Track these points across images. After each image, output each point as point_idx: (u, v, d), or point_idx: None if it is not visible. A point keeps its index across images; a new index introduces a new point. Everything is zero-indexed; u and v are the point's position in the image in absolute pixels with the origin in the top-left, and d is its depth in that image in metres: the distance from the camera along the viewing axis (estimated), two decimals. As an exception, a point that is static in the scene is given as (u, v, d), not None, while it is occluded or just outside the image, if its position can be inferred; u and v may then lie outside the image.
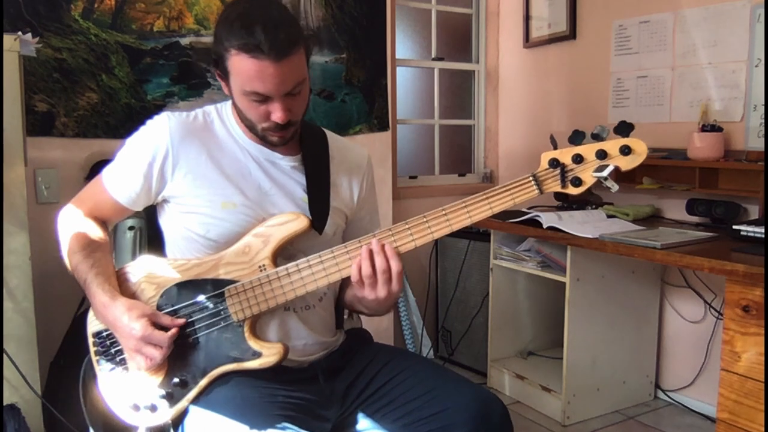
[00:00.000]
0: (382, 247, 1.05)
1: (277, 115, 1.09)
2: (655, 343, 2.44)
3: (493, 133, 3.13)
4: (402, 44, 2.88)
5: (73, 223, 1.17)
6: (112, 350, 1.13)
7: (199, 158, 1.14)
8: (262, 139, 1.16)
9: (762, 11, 2.05)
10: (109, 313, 1.07)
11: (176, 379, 1.09)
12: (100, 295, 1.08)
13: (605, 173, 1.00)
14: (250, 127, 1.15)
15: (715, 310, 2.24)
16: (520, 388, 2.44)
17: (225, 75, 1.10)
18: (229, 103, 1.21)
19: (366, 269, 1.04)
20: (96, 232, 1.17)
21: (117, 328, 1.07)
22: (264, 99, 1.08)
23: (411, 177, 2.95)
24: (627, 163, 1.00)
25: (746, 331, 1.55)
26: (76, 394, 1.16)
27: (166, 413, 1.10)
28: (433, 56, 3.01)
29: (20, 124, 1.53)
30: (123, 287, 1.13)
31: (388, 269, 1.04)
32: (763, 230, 1.77)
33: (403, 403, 1.13)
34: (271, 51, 1.03)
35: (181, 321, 1.09)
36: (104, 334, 1.13)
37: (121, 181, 1.16)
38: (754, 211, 2.12)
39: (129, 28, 2.02)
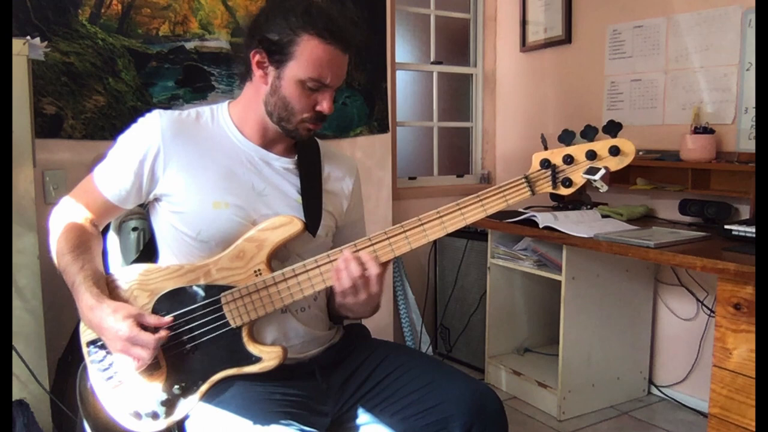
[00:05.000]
0: (357, 257, 1.05)
1: (325, 105, 1.11)
2: (648, 340, 2.46)
3: (490, 135, 3.17)
4: (401, 48, 2.90)
5: (63, 223, 1.14)
6: (109, 358, 1.10)
7: (191, 156, 1.13)
8: (290, 132, 1.15)
9: (753, 16, 2.08)
10: (95, 316, 1.04)
11: (177, 386, 1.08)
12: (86, 298, 1.05)
13: (597, 176, 1.01)
14: (281, 119, 1.13)
15: (707, 307, 2.27)
16: (517, 384, 2.47)
17: (282, 60, 1.09)
18: (225, 104, 1.21)
19: (345, 280, 1.05)
20: (86, 233, 1.13)
21: (103, 330, 1.04)
22: (319, 87, 1.10)
23: (410, 178, 2.98)
24: (616, 164, 1.01)
25: (737, 328, 1.57)
26: (83, 391, 1.14)
27: (167, 420, 1.09)
28: (431, 60, 3.04)
29: (29, 127, 1.54)
30: (114, 294, 1.09)
31: (363, 275, 1.05)
32: (753, 230, 1.79)
33: (401, 397, 1.14)
34: (345, 41, 1.08)
35: (168, 320, 1.07)
36: (99, 342, 1.10)
37: (111, 179, 1.14)
38: (745, 211, 2.15)
39: (135, 32, 2.03)
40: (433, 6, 3.01)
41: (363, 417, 1.17)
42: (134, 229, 1.37)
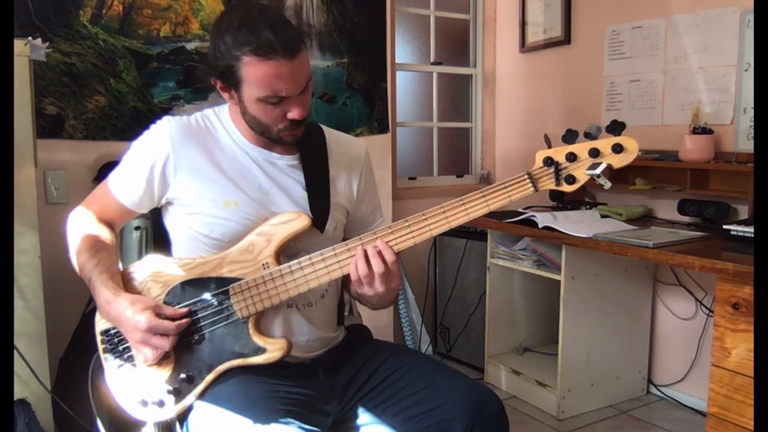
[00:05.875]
0: (377, 250, 1.06)
1: (295, 112, 1.10)
2: (647, 340, 2.47)
3: (490, 135, 3.18)
4: (401, 49, 2.91)
5: (80, 225, 1.19)
6: (120, 347, 1.14)
7: (200, 159, 1.15)
8: (277, 141, 1.17)
9: (751, 17, 2.08)
10: (113, 309, 1.08)
11: (183, 375, 1.11)
12: (103, 292, 1.09)
13: (598, 171, 1.01)
14: (262, 132, 1.15)
15: (706, 307, 2.28)
16: (516, 383, 2.48)
17: (235, 85, 1.10)
18: (226, 106, 1.22)
19: (362, 269, 1.06)
20: (102, 234, 1.18)
21: (122, 323, 1.08)
22: (279, 100, 1.09)
23: (410, 178, 2.98)
24: (619, 161, 1.02)
25: (736, 327, 1.58)
26: (84, 389, 1.17)
27: (173, 408, 1.11)
28: (431, 61, 3.05)
29: (30, 127, 1.55)
30: (129, 286, 1.14)
31: (386, 270, 1.06)
32: (752, 230, 1.80)
33: (402, 398, 1.14)
34: (285, 49, 1.04)
35: (184, 311, 1.10)
36: (112, 332, 1.14)
37: (125, 185, 1.18)
38: (744, 212, 2.15)
39: (136, 33, 2.05)
40: (433, 7, 3.02)
41: (364, 417, 1.17)
42: (136, 228, 1.39)
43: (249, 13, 1.07)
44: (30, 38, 1.55)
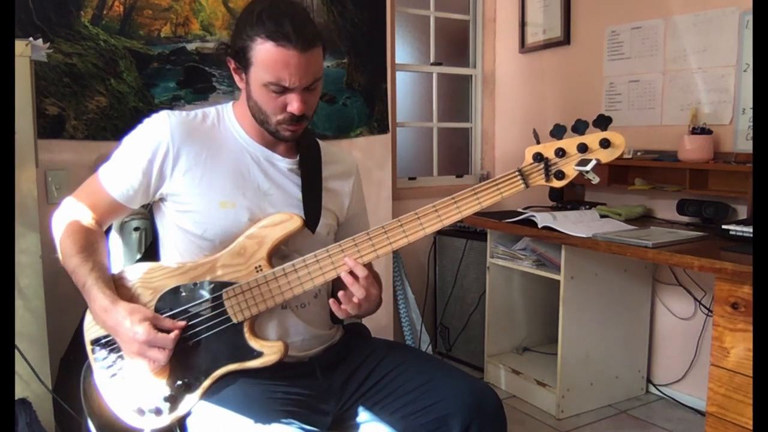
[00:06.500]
0: (348, 269, 1.08)
1: (294, 105, 1.11)
2: (646, 339, 2.48)
3: (489, 135, 3.18)
4: (401, 49, 2.92)
5: (69, 223, 1.15)
6: (113, 356, 1.12)
7: (199, 157, 1.14)
8: (274, 134, 1.16)
9: (750, 17, 2.09)
10: (110, 318, 1.06)
11: (179, 382, 1.10)
12: (100, 299, 1.07)
13: (588, 167, 1.02)
14: (262, 121, 1.15)
15: (705, 307, 2.28)
16: (516, 382, 2.48)
17: (245, 66, 1.11)
18: (230, 104, 1.23)
19: (357, 295, 1.09)
20: (92, 233, 1.15)
21: (118, 333, 1.07)
22: (283, 90, 1.10)
23: (410, 178, 2.99)
24: (607, 156, 1.03)
25: (735, 327, 1.58)
26: (85, 389, 1.15)
27: (170, 416, 1.10)
28: (431, 61, 3.05)
29: (31, 127, 1.55)
30: (119, 292, 1.11)
31: (368, 294, 1.09)
32: (751, 230, 1.80)
33: (401, 395, 1.15)
34: (298, 41, 1.07)
35: (182, 323, 1.09)
36: (103, 341, 1.12)
37: (119, 179, 1.15)
38: (743, 212, 2.16)
39: (137, 33, 2.05)
40: (433, 7, 3.02)
41: (363, 415, 1.17)
42: (136, 229, 1.38)
43: (276, 3, 1.10)
44: (31, 39, 1.55)
